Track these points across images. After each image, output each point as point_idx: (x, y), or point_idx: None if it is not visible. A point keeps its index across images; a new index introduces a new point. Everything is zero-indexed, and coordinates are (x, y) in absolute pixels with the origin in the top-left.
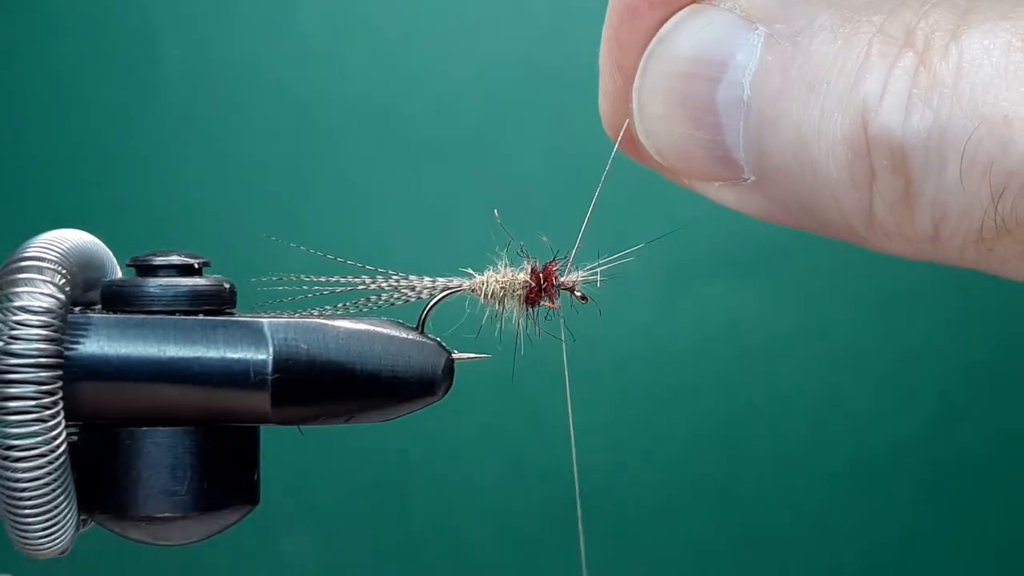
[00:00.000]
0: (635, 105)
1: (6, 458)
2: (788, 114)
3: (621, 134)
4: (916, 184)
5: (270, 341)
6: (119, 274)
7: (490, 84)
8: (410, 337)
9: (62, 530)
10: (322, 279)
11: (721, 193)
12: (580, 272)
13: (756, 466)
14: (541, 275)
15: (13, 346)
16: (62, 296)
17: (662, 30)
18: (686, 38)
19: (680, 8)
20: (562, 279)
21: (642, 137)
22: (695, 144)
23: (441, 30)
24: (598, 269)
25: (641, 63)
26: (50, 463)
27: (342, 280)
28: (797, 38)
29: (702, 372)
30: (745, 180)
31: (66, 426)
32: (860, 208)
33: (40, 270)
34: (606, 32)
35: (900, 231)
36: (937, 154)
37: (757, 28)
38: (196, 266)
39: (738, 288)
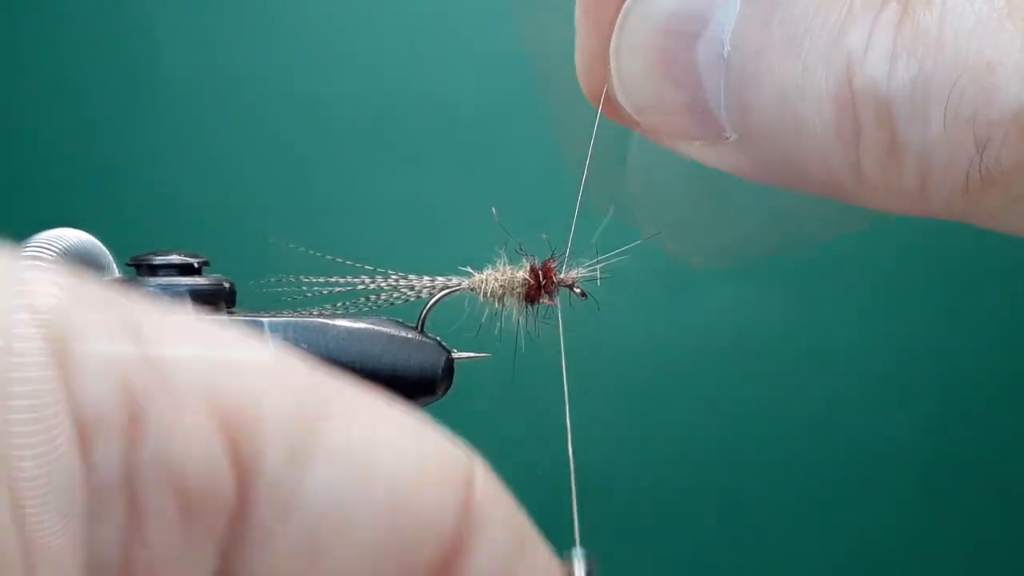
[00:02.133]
0: (613, 64)
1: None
2: (770, 70)
3: (602, 96)
4: (902, 136)
5: (270, 340)
6: (117, 273)
7: (490, 84)
8: (410, 336)
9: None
10: (321, 279)
11: (702, 152)
12: (579, 269)
13: (756, 466)
14: (540, 273)
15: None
16: None
17: None
18: None
19: None
20: (561, 276)
21: (621, 97)
22: (675, 102)
23: (441, 30)
24: (597, 266)
25: (618, 21)
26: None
27: (342, 280)
28: None
29: (702, 373)
30: (727, 138)
31: None
32: (847, 163)
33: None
34: None
35: (887, 185)
36: (922, 105)
37: None
38: (196, 265)
39: (739, 289)
